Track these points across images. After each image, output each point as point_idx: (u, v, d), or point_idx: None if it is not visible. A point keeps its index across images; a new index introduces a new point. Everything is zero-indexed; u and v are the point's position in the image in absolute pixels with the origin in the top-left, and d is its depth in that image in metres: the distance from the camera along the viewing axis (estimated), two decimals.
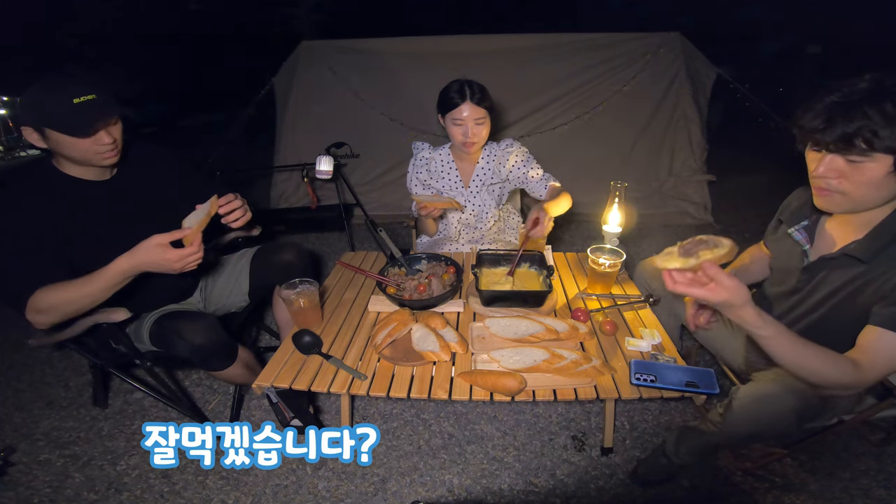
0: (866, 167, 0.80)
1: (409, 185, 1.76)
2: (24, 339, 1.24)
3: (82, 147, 1.10)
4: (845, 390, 0.88)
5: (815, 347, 0.82)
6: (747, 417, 0.97)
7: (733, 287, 0.75)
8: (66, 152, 1.11)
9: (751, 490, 1.29)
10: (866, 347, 0.85)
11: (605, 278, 1.38)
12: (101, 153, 1.13)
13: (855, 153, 0.79)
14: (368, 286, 1.48)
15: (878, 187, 0.82)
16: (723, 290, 0.76)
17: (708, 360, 1.76)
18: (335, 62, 3.22)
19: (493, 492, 1.32)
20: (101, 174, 1.22)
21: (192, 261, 1.06)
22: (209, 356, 1.24)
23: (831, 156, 0.83)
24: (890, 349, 0.83)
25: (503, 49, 3.16)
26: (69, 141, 1.08)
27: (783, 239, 1.11)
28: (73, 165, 1.17)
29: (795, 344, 0.81)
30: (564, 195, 1.52)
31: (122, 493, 1.33)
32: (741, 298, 0.76)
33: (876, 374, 0.85)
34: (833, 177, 0.84)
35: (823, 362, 0.82)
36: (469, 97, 1.47)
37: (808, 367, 0.82)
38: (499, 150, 1.67)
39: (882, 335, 0.84)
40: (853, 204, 0.87)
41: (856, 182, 0.82)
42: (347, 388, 1.03)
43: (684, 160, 3.29)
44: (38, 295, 1.06)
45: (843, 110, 0.79)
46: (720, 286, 0.76)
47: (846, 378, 0.83)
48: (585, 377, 1.02)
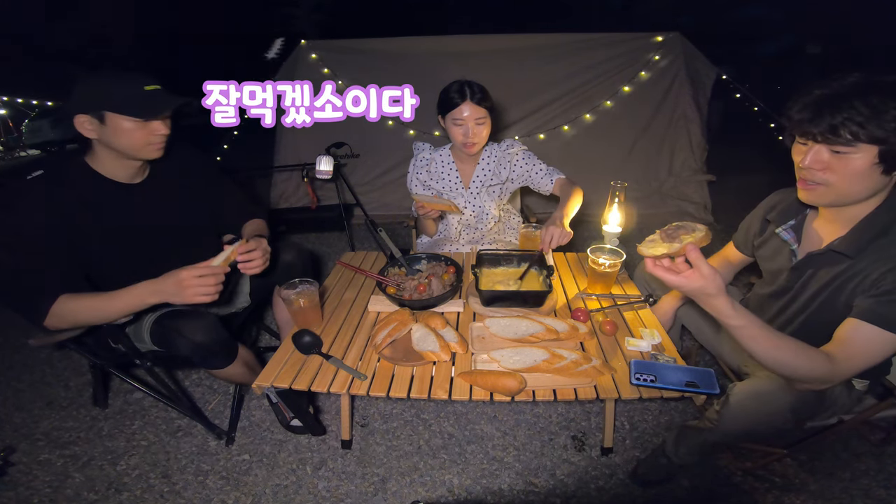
0: (851, 158, 0.81)
1: (409, 184, 1.76)
2: (24, 339, 1.24)
3: (136, 137, 1.11)
4: (819, 384, 0.88)
5: (788, 339, 0.83)
6: (744, 414, 0.97)
7: (709, 275, 0.78)
8: (118, 141, 1.11)
9: (751, 490, 1.30)
10: (842, 340, 0.85)
11: (605, 278, 1.38)
12: (153, 144, 1.15)
13: (840, 143, 0.81)
14: (368, 286, 1.48)
15: (861, 179, 0.83)
16: (699, 278, 0.78)
17: (708, 360, 1.76)
18: (335, 62, 3.23)
19: (493, 492, 1.32)
20: (133, 176, 1.22)
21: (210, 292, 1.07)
22: (210, 355, 1.24)
23: (817, 147, 0.85)
24: (866, 341, 0.83)
25: (503, 49, 3.16)
26: (128, 129, 1.09)
27: (771, 239, 1.12)
28: (109, 162, 1.17)
29: (768, 335, 0.82)
30: (576, 191, 1.52)
31: (122, 493, 1.33)
32: (715, 287, 0.78)
33: (851, 366, 0.85)
34: (818, 168, 0.86)
35: (796, 354, 0.83)
36: (469, 97, 1.47)
37: (780, 359, 0.83)
38: (499, 151, 1.67)
39: (858, 327, 0.84)
40: (836, 196, 0.88)
41: (840, 173, 0.84)
42: (347, 388, 1.03)
43: (684, 160, 3.30)
44: (58, 303, 1.06)
45: (831, 102, 0.81)
46: (697, 272, 0.78)
47: (819, 371, 0.83)
48: (585, 377, 1.02)
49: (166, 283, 1.07)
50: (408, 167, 1.77)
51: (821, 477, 1.32)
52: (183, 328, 1.20)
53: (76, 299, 1.07)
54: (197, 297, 1.06)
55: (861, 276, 0.88)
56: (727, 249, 1.32)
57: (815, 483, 1.31)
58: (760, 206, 1.19)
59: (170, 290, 1.06)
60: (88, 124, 1.09)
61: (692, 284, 0.79)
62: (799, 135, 0.88)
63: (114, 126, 1.09)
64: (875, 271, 0.86)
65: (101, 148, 1.14)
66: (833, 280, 0.93)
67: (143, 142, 1.13)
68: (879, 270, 0.85)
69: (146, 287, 1.08)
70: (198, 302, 1.07)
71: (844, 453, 1.40)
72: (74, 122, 1.09)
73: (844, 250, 0.90)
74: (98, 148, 1.15)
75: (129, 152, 1.14)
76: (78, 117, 1.08)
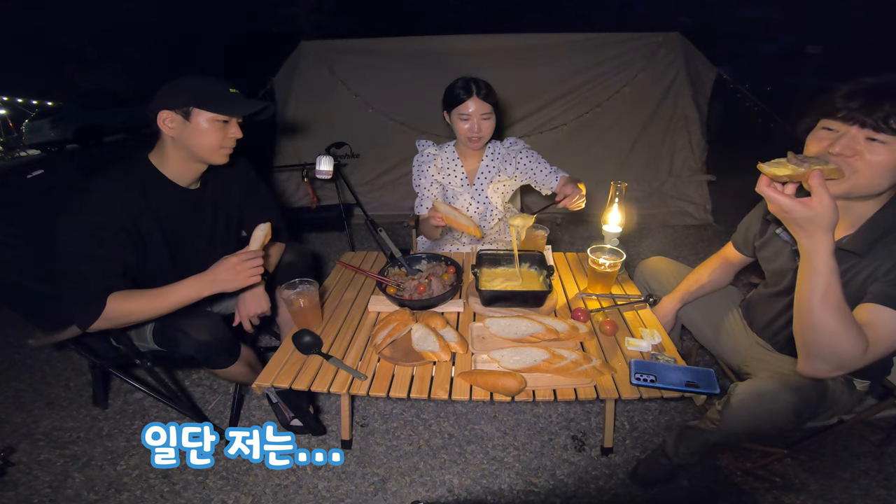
0: (886, 148, 0.81)
1: (415, 180, 1.74)
2: (24, 339, 1.24)
3: (214, 137, 1.15)
4: (838, 369, 0.85)
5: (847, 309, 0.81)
6: (745, 414, 0.97)
7: (830, 206, 0.74)
8: (197, 140, 1.14)
9: (751, 490, 1.29)
10: (867, 323, 0.84)
11: (605, 278, 1.38)
12: (225, 147, 1.19)
13: (886, 133, 0.80)
14: (368, 286, 1.48)
15: (884, 172, 0.83)
16: (819, 205, 0.73)
17: (708, 360, 1.76)
18: (335, 62, 3.23)
19: (493, 492, 1.32)
20: (193, 181, 1.25)
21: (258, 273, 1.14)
22: (213, 353, 1.24)
23: (854, 132, 0.84)
24: (888, 325, 0.83)
25: (503, 49, 3.16)
26: (208, 129, 1.13)
27: (772, 240, 1.11)
28: (176, 164, 1.19)
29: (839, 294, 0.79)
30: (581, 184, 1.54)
31: (122, 493, 1.33)
32: (832, 220, 0.75)
33: (876, 351, 0.84)
34: (849, 154, 0.85)
35: (849, 325, 0.80)
36: (476, 92, 1.49)
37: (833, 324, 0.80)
38: (503, 149, 1.68)
39: (878, 312, 0.84)
40: (852, 186, 0.86)
41: (868, 161, 0.83)
42: (347, 388, 1.03)
43: (684, 160, 3.30)
44: (109, 304, 1.07)
45: (888, 91, 0.81)
46: (818, 200, 0.73)
47: (855, 351, 0.81)
48: (585, 377, 1.02)
49: (220, 272, 1.12)
50: (408, 167, 1.77)
51: (821, 477, 1.32)
52: (187, 327, 1.20)
53: (127, 299, 1.09)
54: (250, 279, 1.13)
55: (869, 270, 0.89)
56: (726, 250, 1.32)
57: (815, 483, 1.30)
58: (759, 205, 1.18)
59: (226, 276, 1.12)
60: (171, 121, 1.11)
61: (810, 211, 0.74)
62: (843, 120, 0.86)
63: (196, 124, 1.12)
64: (885, 264, 0.86)
65: (174, 149, 1.16)
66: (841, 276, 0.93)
67: (219, 144, 1.16)
68: (890, 263, 0.86)
69: (200, 280, 1.12)
70: (250, 284, 1.14)
71: (844, 453, 1.40)
72: (157, 118, 1.11)
73: (854, 248, 0.90)
74: (169, 148, 1.17)
75: (203, 154, 1.17)
76: (162, 113, 1.11)
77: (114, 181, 1.11)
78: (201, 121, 1.12)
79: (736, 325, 1.30)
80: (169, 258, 1.24)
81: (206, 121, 1.12)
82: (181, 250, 1.27)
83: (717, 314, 1.34)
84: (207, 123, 1.13)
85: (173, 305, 1.13)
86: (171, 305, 1.13)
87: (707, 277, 1.33)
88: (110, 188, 1.10)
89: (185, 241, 1.27)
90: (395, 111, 3.27)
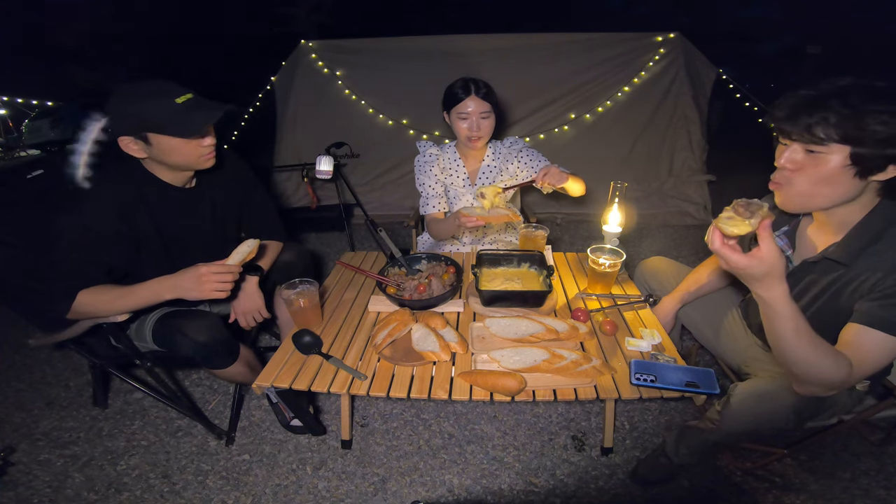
0: (823, 159, 0.81)
1: (418, 180, 1.73)
2: (24, 339, 1.24)
3: (187, 150, 1.09)
4: (828, 389, 0.87)
5: (822, 340, 0.82)
6: (746, 414, 0.97)
7: (779, 257, 0.74)
8: (171, 159, 1.09)
9: (751, 490, 1.30)
10: (849, 344, 0.85)
11: (605, 278, 1.38)
12: (205, 155, 1.13)
13: (814, 142, 0.81)
14: (368, 286, 1.48)
15: (830, 182, 0.83)
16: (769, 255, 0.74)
17: (708, 360, 1.76)
18: (335, 62, 3.23)
19: (493, 492, 1.32)
20: (186, 181, 1.23)
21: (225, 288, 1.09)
22: (212, 354, 1.24)
23: (794, 146, 0.85)
24: (873, 347, 0.83)
25: (502, 49, 3.16)
26: (175, 146, 1.06)
27: None
28: (162, 171, 1.17)
29: (809, 331, 0.80)
30: (580, 179, 1.54)
31: (122, 493, 1.33)
32: (782, 269, 0.75)
33: (862, 372, 0.84)
34: (791, 167, 0.86)
35: (826, 355, 0.81)
36: (475, 92, 1.50)
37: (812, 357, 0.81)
38: (503, 148, 1.69)
39: (864, 332, 0.84)
40: (805, 199, 0.88)
41: (810, 174, 0.84)
42: (347, 388, 1.03)
43: (684, 160, 3.30)
44: (79, 296, 1.07)
45: (812, 102, 0.81)
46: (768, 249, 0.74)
47: (840, 375, 0.82)
48: (585, 377, 1.02)
49: (185, 279, 1.08)
50: (408, 167, 1.77)
51: (821, 477, 1.32)
52: (186, 328, 1.20)
53: (95, 294, 1.09)
54: (213, 292, 1.07)
55: (857, 281, 0.88)
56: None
57: (815, 483, 1.31)
58: None
59: (188, 284, 1.08)
60: (134, 145, 1.06)
61: (764, 265, 0.74)
62: (778, 134, 0.89)
63: (161, 146, 1.06)
64: (872, 276, 0.85)
65: (154, 161, 1.13)
66: (829, 286, 0.93)
67: (195, 154, 1.12)
68: (877, 275, 0.85)
69: (163, 283, 1.10)
70: (212, 298, 1.08)
71: (844, 453, 1.40)
72: (119, 143, 1.05)
73: (839, 258, 0.89)
74: (150, 162, 1.14)
75: (183, 166, 1.15)
76: (122, 139, 1.05)
77: (109, 181, 1.11)
78: (163, 141, 1.05)
79: (735, 325, 1.30)
80: (166, 256, 1.24)
81: (168, 141, 1.05)
82: (178, 248, 1.27)
83: (717, 314, 1.34)
84: (171, 142, 1.06)
85: (134, 306, 1.11)
86: (133, 306, 1.11)
87: (707, 277, 1.33)
88: (105, 189, 1.09)
89: (182, 239, 1.27)
90: (395, 111, 3.27)
